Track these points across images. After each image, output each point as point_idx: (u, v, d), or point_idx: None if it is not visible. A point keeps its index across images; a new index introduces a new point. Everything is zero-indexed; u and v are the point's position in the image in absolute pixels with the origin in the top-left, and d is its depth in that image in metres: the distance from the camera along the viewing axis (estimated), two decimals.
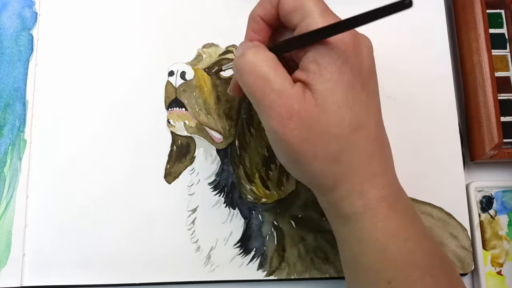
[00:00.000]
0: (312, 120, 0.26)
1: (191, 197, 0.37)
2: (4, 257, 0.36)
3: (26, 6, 0.40)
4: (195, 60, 0.39)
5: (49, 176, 0.37)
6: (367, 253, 0.27)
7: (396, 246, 0.27)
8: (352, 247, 0.28)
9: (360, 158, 0.27)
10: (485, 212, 0.39)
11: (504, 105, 0.40)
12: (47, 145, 0.38)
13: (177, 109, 0.38)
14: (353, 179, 0.27)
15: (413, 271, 0.27)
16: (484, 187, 0.39)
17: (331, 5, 0.29)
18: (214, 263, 0.36)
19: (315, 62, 0.27)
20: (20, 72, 0.39)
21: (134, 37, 0.40)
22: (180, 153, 0.38)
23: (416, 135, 0.39)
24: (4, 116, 0.38)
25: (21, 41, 0.39)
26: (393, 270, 0.27)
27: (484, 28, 0.39)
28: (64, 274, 0.36)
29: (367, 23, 0.25)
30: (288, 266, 0.37)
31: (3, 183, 0.37)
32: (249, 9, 0.31)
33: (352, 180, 0.27)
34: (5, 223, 0.36)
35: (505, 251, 0.39)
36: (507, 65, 0.41)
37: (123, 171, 0.37)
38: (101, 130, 0.38)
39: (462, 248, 0.37)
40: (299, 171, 0.29)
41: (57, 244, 0.36)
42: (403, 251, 0.27)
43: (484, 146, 0.38)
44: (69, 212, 0.37)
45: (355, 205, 0.27)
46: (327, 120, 0.26)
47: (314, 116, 0.26)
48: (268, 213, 0.37)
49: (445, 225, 0.37)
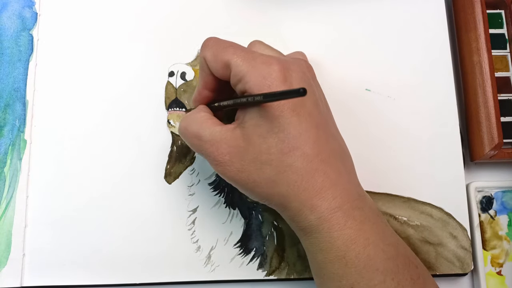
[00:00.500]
0: (242, 152, 0.29)
1: (191, 197, 0.37)
2: (4, 257, 0.36)
3: (26, 6, 0.40)
4: (195, 61, 0.39)
5: (49, 176, 0.37)
6: (329, 262, 0.29)
7: (355, 253, 0.28)
8: (315, 256, 0.30)
9: (301, 177, 0.28)
10: (485, 212, 0.39)
11: (504, 105, 0.40)
12: (47, 145, 0.38)
13: (177, 109, 0.38)
14: (299, 197, 0.29)
15: (374, 276, 0.28)
16: (484, 187, 0.39)
17: (332, 5, 0.29)
18: (214, 263, 0.37)
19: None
20: (20, 72, 0.39)
21: (134, 38, 0.40)
22: (180, 154, 0.38)
23: (416, 135, 0.39)
24: (4, 116, 0.38)
25: (21, 41, 0.39)
26: (355, 276, 0.28)
27: (484, 28, 0.39)
28: (64, 274, 0.36)
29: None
30: (288, 266, 0.37)
31: (3, 183, 0.37)
32: (249, 9, 0.31)
33: (298, 197, 0.29)
34: (5, 223, 0.36)
35: (505, 251, 0.39)
36: (507, 65, 0.41)
37: (123, 171, 0.37)
38: (101, 130, 0.38)
39: (461, 248, 0.37)
40: (253, 197, 0.31)
41: (57, 244, 0.36)
42: (362, 257, 0.28)
43: (484, 146, 0.38)
44: (69, 212, 0.37)
45: (309, 219, 0.29)
46: (254, 150, 0.29)
47: (242, 149, 0.29)
48: (268, 213, 0.37)
49: (444, 225, 0.37)
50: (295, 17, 0.41)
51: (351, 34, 0.41)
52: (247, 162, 0.29)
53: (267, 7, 0.41)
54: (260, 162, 0.29)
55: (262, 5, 0.41)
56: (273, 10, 0.41)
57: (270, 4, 0.41)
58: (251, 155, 0.29)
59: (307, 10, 0.41)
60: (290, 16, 0.41)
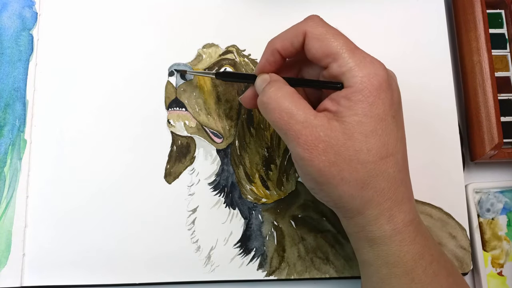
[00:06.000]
0: (339, 146, 0.28)
1: (191, 197, 0.37)
2: (4, 257, 0.36)
3: (26, 6, 0.40)
4: (195, 60, 0.39)
5: (49, 176, 0.37)
6: (394, 276, 0.28)
7: (422, 268, 0.28)
8: (379, 270, 0.29)
9: (389, 185, 0.28)
10: (484, 214, 0.39)
11: (504, 105, 0.40)
12: (47, 145, 0.38)
13: (177, 109, 0.38)
14: (381, 205, 0.28)
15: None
16: (482, 188, 0.39)
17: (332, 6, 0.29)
18: (214, 263, 0.37)
19: (347, 98, 0.28)
20: (20, 72, 0.39)
21: (134, 37, 0.40)
22: (180, 153, 0.38)
23: (416, 135, 0.39)
24: (4, 116, 0.38)
25: (21, 41, 0.39)
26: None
27: (484, 28, 0.39)
28: (64, 274, 0.36)
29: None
30: (288, 266, 0.37)
31: (3, 183, 0.37)
32: (249, 9, 0.31)
33: (381, 205, 0.28)
34: (5, 223, 0.36)
35: (505, 251, 0.39)
36: (507, 65, 0.41)
37: (123, 171, 0.37)
38: (101, 130, 0.38)
39: (460, 248, 0.37)
40: (326, 195, 0.29)
41: (57, 244, 0.36)
42: (429, 273, 0.28)
43: (484, 146, 0.38)
44: (69, 212, 0.37)
45: (384, 229, 0.28)
46: (354, 147, 0.28)
47: (341, 143, 0.28)
48: (268, 213, 0.37)
49: (444, 225, 0.37)
50: (295, 17, 0.41)
51: (351, 34, 0.41)
52: (342, 158, 0.28)
53: (268, 7, 0.41)
54: (357, 161, 0.28)
55: (262, 5, 0.41)
56: (273, 11, 0.41)
57: (270, 4, 0.41)
58: (350, 151, 0.28)
59: (307, 10, 0.41)
60: (290, 17, 0.41)
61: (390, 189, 0.28)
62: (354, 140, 0.28)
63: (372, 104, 0.28)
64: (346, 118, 0.28)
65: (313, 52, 0.30)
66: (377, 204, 0.28)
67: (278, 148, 0.38)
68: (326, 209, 0.37)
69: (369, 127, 0.28)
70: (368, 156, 0.28)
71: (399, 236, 0.28)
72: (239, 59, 0.39)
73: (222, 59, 0.39)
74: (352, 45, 0.29)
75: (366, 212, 0.28)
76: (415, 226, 0.29)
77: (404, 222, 0.28)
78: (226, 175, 0.38)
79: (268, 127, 0.38)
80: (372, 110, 0.28)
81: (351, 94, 0.28)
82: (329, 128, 0.28)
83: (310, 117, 0.28)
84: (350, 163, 0.28)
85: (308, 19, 0.31)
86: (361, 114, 0.28)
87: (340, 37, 0.29)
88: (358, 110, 0.28)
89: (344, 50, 0.29)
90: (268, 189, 0.37)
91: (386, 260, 0.29)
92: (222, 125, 0.38)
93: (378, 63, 0.29)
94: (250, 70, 0.39)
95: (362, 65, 0.28)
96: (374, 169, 0.28)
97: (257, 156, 0.38)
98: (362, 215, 0.29)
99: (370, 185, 0.28)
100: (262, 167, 0.38)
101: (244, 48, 0.40)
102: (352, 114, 0.28)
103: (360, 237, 0.30)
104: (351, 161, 0.28)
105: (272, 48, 0.31)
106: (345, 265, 0.37)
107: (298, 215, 0.37)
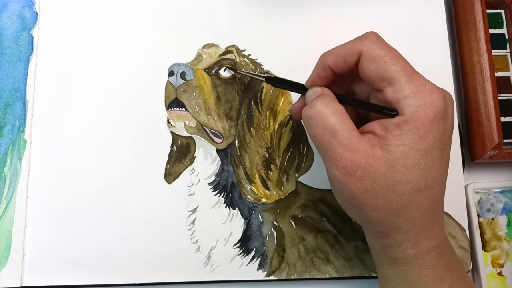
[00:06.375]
0: (378, 175, 0.27)
1: (191, 197, 0.37)
2: (4, 257, 0.36)
3: (26, 6, 0.40)
4: (195, 60, 0.39)
5: (49, 176, 0.37)
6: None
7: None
8: (397, 287, 0.29)
9: (421, 215, 0.28)
10: (484, 214, 0.39)
11: (504, 105, 0.40)
12: (47, 145, 0.38)
13: (177, 109, 0.38)
14: (409, 232, 0.28)
15: None
16: (482, 188, 0.39)
17: (332, 6, 0.29)
18: (214, 263, 0.36)
19: (398, 126, 0.27)
20: (20, 72, 0.39)
21: (134, 37, 0.40)
22: (180, 153, 0.38)
23: None
24: (4, 116, 0.38)
25: (21, 41, 0.39)
26: None
27: (484, 28, 0.39)
28: (64, 274, 0.36)
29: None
30: (288, 266, 0.37)
31: (3, 183, 0.37)
32: (248, 9, 0.31)
33: (408, 232, 0.28)
34: (5, 223, 0.36)
35: (505, 251, 0.39)
36: (507, 65, 0.41)
37: (123, 171, 0.37)
38: (101, 130, 0.38)
39: (460, 248, 0.37)
40: (356, 215, 0.29)
41: (57, 244, 0.36)
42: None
43: (484, 146, 0.38)
44: (69, 212, 0.37)
45: (407, 253, 0.28)
46: (393, 178, 0.27)
47: (380, 172, 0.27)
48: (268, 213, 0.37)
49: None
50: (295, 17, 0.41)
51: (351, 34, 0.41)
52: (379, 187, 0.27)
53: (268, 7, 0.41)
54: (393, 191, 0.27)
55: (262, 5, 0.41)
56: (273, 11, 0.41)
57: (270, 4, 0.41)
58: (388, 182, 0.27)
59: (307, 11, 0.41)
60: (290, 17, 0.41)
61: (421, 219, 0.28)
62: (394, 172, 0.27)
63: (421, 137, 0.27)
64: (392, 147, 0.27)
65: (367, 73, 0.29)
66: (405, 231, 0.28)
67: (278, 148, 0.38)
68: (326, 209, 0.37)
69: (413, 161, 0.27)
70: (405, 188, 0.27)
71: (421, 260, 0.28)
72: (239, 59, 0.39)
73: (222, 59, 0.39)
74: (411, 70, 0.28)
75: (392, 236, 0.28)
76: (439, 251, 0.29)
77: (428, 248, 0.28)
78: (226, 175, 0.38)
79: (268, 127, 0.38)
80: (420, 143, 0.27)
81: (402, 123, 0.27)
82: (371, 155, 0.27)
83: (353, 140, 0.27)
84: (386, 193, 0.27)
85: (365, 38, 0.29)
86: (408, 146, 0.27)
87: (398, 61, 0.28)
88: (406, 141, 0.27)
89: (401, 76, 0.27)
90: (268, 189, 0.37)
91: (406, 279, 0.29)
92: (222, 125, 0.38)
93: (438, 92, 0.27)
94: (250, 70, 0.39)
95: (419, 94, 0.27)
96: (409, 201, 0.27)
97: (257, 156, 0.38)
98: (388, 238, 0.29)
99: (402, 215, 0.28)
100: (262, 167, 0.38)
101: (244, 48, 0.40)
102: (398, 144, 0.27)
103: (382, 254, 0.30)
104: (387, 191, 0.27)
105: (324, 64, 0.30)
106: (345, 265, 0.37)
107: (298, 215, 0.37)
